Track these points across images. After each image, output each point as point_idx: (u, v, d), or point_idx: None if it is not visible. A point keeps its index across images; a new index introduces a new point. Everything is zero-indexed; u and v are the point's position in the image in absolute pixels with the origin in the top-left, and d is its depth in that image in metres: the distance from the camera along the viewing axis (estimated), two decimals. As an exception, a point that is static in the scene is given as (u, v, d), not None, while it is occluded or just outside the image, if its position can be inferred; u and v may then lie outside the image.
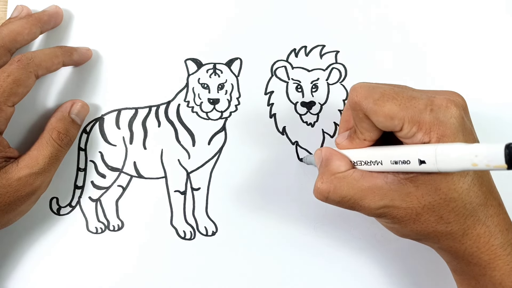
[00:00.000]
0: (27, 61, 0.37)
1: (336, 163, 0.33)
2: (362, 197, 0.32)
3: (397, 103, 0.30)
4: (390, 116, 0.30)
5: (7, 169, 0.36)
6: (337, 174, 0.33)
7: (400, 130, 0.30)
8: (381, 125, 0.30)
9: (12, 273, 0.42)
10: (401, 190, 0.31)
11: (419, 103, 0.30)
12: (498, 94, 0.43)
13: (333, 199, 0.33)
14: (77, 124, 0.41)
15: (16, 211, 0.37)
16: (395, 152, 0.30)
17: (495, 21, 0.43)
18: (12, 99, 0.36)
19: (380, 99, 0.30)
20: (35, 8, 0.42)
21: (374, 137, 0.32)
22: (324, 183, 0.33)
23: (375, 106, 0.30)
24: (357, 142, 0.33)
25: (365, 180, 0.32)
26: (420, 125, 0.29)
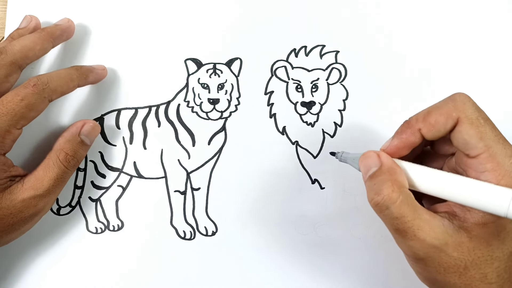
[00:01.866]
0: (43, 86, 0.37)
1: (402, 176, 0.30)
2: (420, 226, 0.29)
3: (495, 132, 0.29)
4: (481, 136, 0.29)
5: (12, 190, 0.36)
6: (405, 188, 0.30)
7: (475, 157, 0.29)
8: (464, 138, 0.29)
9: (12, 273, 0.42)
10: (455, 236, 0.29)
11: (509, 148, 0.29)
12: (498, 94, 0.43)
13: (392, 213, 0.29)
14: (86, 145, 0.40)
15: (18, 231, 0.37)
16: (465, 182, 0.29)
17: (495, 19, 0.43)
18: (22, 123, 0.36)
19: (484, 118, 0.29)
20: (32, 11, 0.43)
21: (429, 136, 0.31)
22: (395, 192, 0.29)
23: (476, 120, 0.29)
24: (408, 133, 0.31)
25: (425, 211, 0.30)
26: (497, 166, 0.28)
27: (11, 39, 0.40)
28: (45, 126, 0.42)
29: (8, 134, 0.36)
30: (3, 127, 0.35)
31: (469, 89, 0.42)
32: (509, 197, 0.27)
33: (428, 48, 0.43)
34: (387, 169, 0.31)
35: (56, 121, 0.43)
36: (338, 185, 0.42)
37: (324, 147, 0.42)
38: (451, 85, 0.43)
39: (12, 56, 0.37)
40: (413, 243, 0.30)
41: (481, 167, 0.29)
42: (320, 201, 0.42)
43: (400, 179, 0.30)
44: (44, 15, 0.43)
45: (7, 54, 0.37)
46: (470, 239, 0.29)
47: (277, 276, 0.42)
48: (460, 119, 0.30)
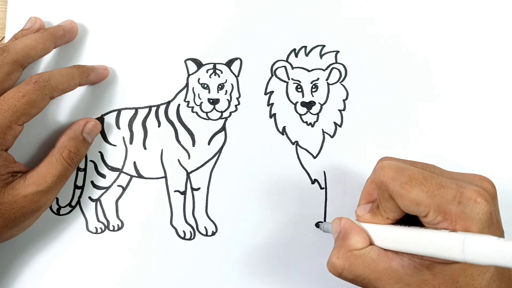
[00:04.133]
0: (44, 83, 0.37)
1: (355, 238, 0.32)
2: (376, 279, 0.31)
3: (424, 189, 0.29)
4: (416, 202, 0.29)
5: (14, 185, 0.36)
6: (354, 251, 0.32)
7: (425, 216, 0.29)
8: (406, 209, 0.30)
9: (12, 272, 0.42)
10: (417, 276, 0.30)
11: (448, 193, 0.29)
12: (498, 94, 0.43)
13: (346, 277, 0.32)
14: (88, 143, 0.41)
15: (19, 227, 0.37)
16: (419, 235, 0.29)
17: (496, 18, 0.43)
18: (23, 119, 0.36)
19: (407, 183, 0.29)
20: (32, 11, 0.43)
21: (397, 217, 0.31)
22: (339, 258, 0.32)
23: (401, 190, 0.29)
24: (379, 218, 0.32)
25: (381, 261, 0.31)
26: (446, 215, 0.28)
27: (15, 39, 0.40)
28: (47, 125, 0.42)
29: (10, 130, 0.36)
30: (5, 123, 0.35)
31: (469, 89, 0.42)
32: (460, 242, 0.26)
33: (428, 48, 0.43)
34: (342, 235, 0.33)
35: (57, 120, 0.43)
36: (338, 185, 0.42)
37: (324, 147, 0.42)
38: (451, 85, 0.43)
39: (14, 55, 0.37)
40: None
41: (434, 221, 0.29)
42: (320, 201, 0.42)
43: (349, 242, 0.32)
44: (44, 15, 0.43)
45: (9, 52, 0.37)
46: (434, 276, 0.29)
47: (276, 276, 0.42)
48: (392, 196, 0.30)
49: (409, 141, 0.42)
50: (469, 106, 0.42)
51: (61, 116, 0.43)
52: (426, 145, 0.42)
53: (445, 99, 0.43)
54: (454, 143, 0.42)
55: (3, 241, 0.38)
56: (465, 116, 0.42)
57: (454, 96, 0.43)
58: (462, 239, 0.26)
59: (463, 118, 0.42)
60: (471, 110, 0.42)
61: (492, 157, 0.42)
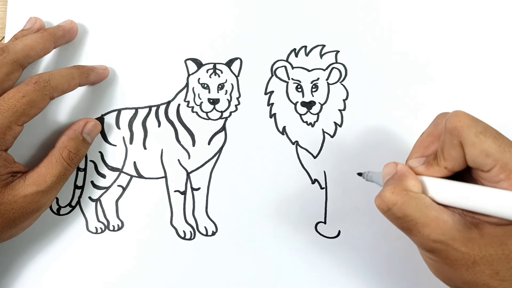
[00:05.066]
0: (44, 83, 0.37)
1: (412, 181, 0.32)
2: (425, 224, 0.30)
3: (497, 143, 0.29)
4: (486, 153, 0.29)
5: (14, 185, 0.36)
6: (409, 191, 0.31)
7: (488, 171, 0.29)
8: (472, 159, 0.30)
9: (12, 272, 0.42)
10: (465, 232, 0.29)
11: None
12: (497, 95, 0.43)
13: (395, 213, 0.31)
14: (87, 143, 0.41)
15: (19, 227, 0.37)
16: (479, 190, 0.29)
17: (496, 18, 0.43)
18: (23, 119, 0.36)
19: (482, 132, 0.29)
20: (32, 11, 0.43)
21: (456, 168, 0.31)
22: (394, 194, 0.31)
23: (475, 138, 0.29)
24: (436, 169, 0.32)
25: (433, 209, 0.30)
26: (509, 174, 0.28)
27: (15, 39, 0.40)
28: (46, 125, 0.42)
29: (9, 130, 0.36)
30: (5, 123, 0.35)
31: (469, 88, 0.42)
32: None
33: (429, 48, 0.43)
34: (398, 176, 0.32)
35: (57, 120, 0.43)
36: (338, 185, 0.42)
37: (324, 147, 0.42)
38: (451, 85, 0.43)
39: (14, 55, 0.37)
40: (418, 238, 0.31)
41: (495, 179, 0.29)
42: (320, 201, 0.42)
43: (406, 183, 0.31)
44: (44, 15, 0.43)
45: (9, 52, 0.37)
46: (481, 236, 0.29)
47: (277, 276, 0.42)
48: (462, 144, 0.30)
49: (409, 141, 0.42)
50: (470, 106, 0.42)
51: (61, 116, 0.43)
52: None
53: (445, 99, 0.43)
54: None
55: (3, 241, 0.38)
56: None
57: (455, 96, 0.43)
58: None
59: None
60: (472, 110, 0.42)
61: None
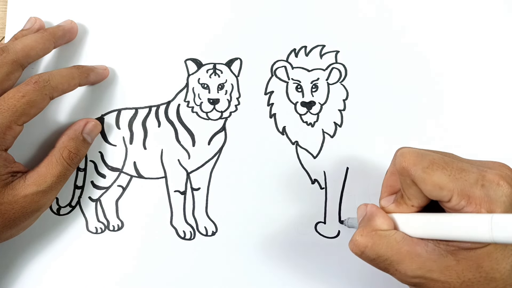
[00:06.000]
0: (44, 83, 0.37)
1: (380, 220, 0.32)
2: (399, 261, 0.30)
3: (446, 173, 0.29)
4: (439, 186, 0.29)
5: (14, 185, 0.36)
6: (378, 231, 0.31)
7: (448, 201, 0.29)
8: (429, 193, 0.30)
9: (11, 272, 0.42)
10: (440, 261, 0.29)
11: (470, 176, 0.29)
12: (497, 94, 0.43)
13: (368, 255, 0.31)
14: (88, 143, 0.41)
15: (19, 227, 0.37)
16: (445, 219, 0.29)
17: (496, 18, 0.43)
18: (23, 119, 0.36)
19: (429, 167, 0.29)
20: (32, 11, 0.43)
21: (422, 204, 0.31)
22: (363, 236, 0.31)
23: (423, 174, 0.29)
24: (404, 207, 0.32)
25: (405, 244, 0.30)
26: (470, 199, 0.28)
27: (15, 39, 0.40)
28: (46, 125, 0.42)
29: (9, 130, 0.36)
30: (4, 123, 0.35)
31: (469, 88, 0.42)
32: (488, 222, 0.26)
33: (428, 48, 0.43)
34: (367, 217, 0.33)
35: (57, 120, 0.43)
36: (338, 185, 0.42)
37: (324, 147, 0.42)
38: (451, 85, 0.43)
39: (14, 55, 0.37)
40: (397, 276, 0.31)
41: (458, 206, 0.29)
42: (320, 201, 0.42)
43: (375, 223, 0.32)
44: (44, 15, 0.43)
45: (9, 52, 0.37)
46: (457, 262, 0.29)
47: (277, 276, 0.42)
48: (414, 182, 0.30)
49: (409, 141, 0.42)
50: (471, 104, 0.42)
51: (61, 116, 0.43)
52: (427, 145, 0.42)
53: (445, 99, 0.43)
54: (456, 142, 0.42)
55: (3, 241, 0.38)
56: (467, 114, 0.42)
57: (455, 96, 0.43)
58: (490, 219, 0.26)
59: (463, 117, 0.42)
60: (473, 108, 0.42)
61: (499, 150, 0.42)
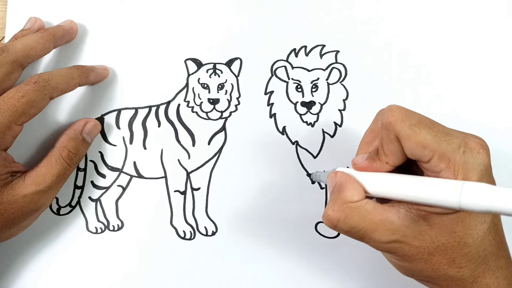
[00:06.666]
0: (44, 83, 0.37)
1: (350, 191, 0.32)
2: (372, 230, 0.30)
3: (432, 133, 0.29)
4: (423, 144, 0.29)
5: (13, 185, 0.36)
6: (349, 203, 0.31)
7: (427, 161, 0.29)
8: (410, 151, 0.29)
9: (11, 272, 0.42)
10: (414, 227, 0.30)
11: (454, 141, 0.29)
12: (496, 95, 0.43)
13: (342, 228, 0.31)
14: (87, 143, 0.41)
15: (18, 226, 0.37)
16: (416, 181, 0.29)
17: (495, 19, 0.43)
18: (23, 119, 0.36)
19: (416, 125, 0.29)
20: (32, 11, 0.43)
21: (397, 162, 0.31)
22: (335, 211, 0.31)
23: (409, 131, 0.29)
24: (378, 164, 0.32)
25: (377, 213, 0.31)
26: (449, 163, 0.28)
27: (15, 39, 0.40)
28: (46, 125, 0.42)
29: (9, 130, 0.36)
30: (4, 123, 0.35)
31: (469, 88, 0.42)
32: (459, 188, 0.27)
33: (428, 48, 0.43)
34: (337, 188, 0.33)
35: (57, 120, 0.43)
36: (338, 185, 0.42)
37: (324, 147, 0.42)
38: (451, 85, 0.43)
39: (14, 55, 0.37)
40: (373, 244, 0.31)
41: (436, 168, 0.29)
42: (320, 201, 0.42)
43: (345, 195, 0.32)
44: (44, 15, 0.43)
45: (9, 52, 0.37)
46: (430, 227, 0.30)
47: (277, 276, 0.42)
48: (398, 138, 0.30)
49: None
50: (471, 104, 0.42)
51: (61, 116, 0.43)
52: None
53: (445, 99, 0.43)
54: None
55: (3, 241, 0.38)
56: (466, 114, 0.42)
57: (455, 96, 0.43)
58: (461, 186, 0.27)
59: (463, 117, 0.42)
60: (473, 108, 0.43)
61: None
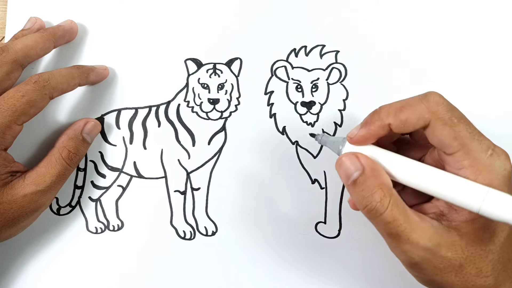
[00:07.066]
0: (44, 83, 0.37)
1: (387, 177, 0.30)
2: (412, 229, 0.29)
3: (469, 130, 0.29)
4: (455, 135, 0.29)
5: (13, 185, 0.36)
6: (393, 191, 0.29)
7: (451, 154, 0.29)
8: (439, 138, 0.29)
9: (11, 272, 0.42)
10: (446, 236, 0.29)
11: (485, 142, 0.29)
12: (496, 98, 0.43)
13: (385, 217, 0.29)
14: (87, 143, 0.41)
15: (18, 226, 0.37)
16: (442, 176, 0.29)
17: (495, 19, 0.43)
18: (23, 119, 0.36)
19: (457, 117, 0.29)
20: (32, 11, 0.43)
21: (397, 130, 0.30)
22: (385, 196, 0.29)
23: (448, 119, 0.29)
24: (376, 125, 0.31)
25: (415, 214, 0.29)
26: (473, 162, 0.28)
27: (15, 39, 0.40)
28: (46, 125, 0.42)
29: (9, 129, 0.36)
30: (4, 123, 0.35)
31: (468, 88, 0.42)
32: (483, 194, 0.27)
33: (428, 48, 0.43)
34: (371, 173, 0.30)
35: (57, 120, 0.43)
36: (338, 185, 0.42)
37: (324, 147, 0.42)
38: (451, 85, 0.43)
39: (14, 54, 0.37)
40: (407, 247, 0.29)
41: (458, 164, 0.29)
42: (320, 201, 0.42)
43: (386, 181, 0.30)
44: (44, 14, 0.43)
45: (8, 52, 0.37)
46: (461, 237, 0.29)
47: (277, 276, 0.42)
48: (432, 120, 0.29)
49: (409, 141, 0.42)
50: (470, 105, 0.42)
51: (61, 116, 0.43)
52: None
53: (445, 99, 0.43)
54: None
55: (2, 241, 0.38)
56: (466, 115, 0.42)
57: (455, 96, 0.42)
58: (486, 191, 0.27)
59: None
60: (472, 111, 0.42)
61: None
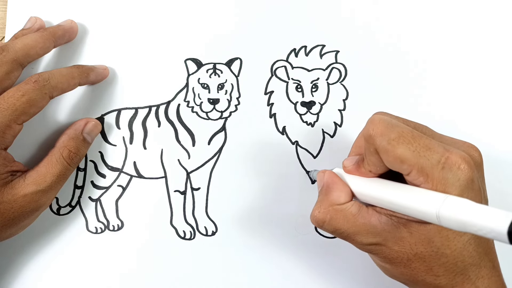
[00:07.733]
0: (44, 82, 0.37)
1: (336, 193, 0.33)
2: (355, 232, 0.32)
3: (411, 148, 0.29)
4: (400, 159, 0.29)
5: (14, 184, 0.36)
6: (335, 205, 0.33)
7: (407, 175, 0.29)
8: (390, 165, 0.30)
9: (11, 272, 0.42)
10: (394, 232, 0.31)
11: (433, 156, 0.29)
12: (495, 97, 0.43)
13: (327, 229, 0.33)
14: (88, 143, 0.41)
15: (18, 226, 0.37)
16: (398, 191, 0.30)
17: (495, 19, 0.43)
18: (23, 118, 0.36)
19: (395, 139, 0.29)
20: (32, 11, 0.43)
21: (379, 172, 0.32)
22: (321, 213, 0.33)
23: (388, 146, 0.29)
24: (363, 171, 0.33)
25: (360, 216, 0.32)
26: (428, 178, 0.29)
27: (15, 39, 0.40)
28: (46, 125, 0.42)
29: (9, 129, 0.36)
30: (4, 122, 0.35)
31: (468, 89, 0.42)
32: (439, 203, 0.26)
33: (428, 48, 0.43)
34: (324, 189, 0.34)
35: (57, 120, 0.43)
36: (338, 185, 0.42)
37: (324, 147, 0.42)
38: (451, 85, 0.43)
39: (13, 54, 0.37)
40: (356, 245, 0.33)
41: (416, 182, 0.29)
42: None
43: (331, 198, 0.33)
44: (44, 15, 0.43)
45: (8, 51, 0.37)
46: (410, 234, 0.30)
47: (277, 276, 0.42)
48: (377, 151, 0.30)
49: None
50: (470, 105, 0.42)
51: (61, 116, 0.43)
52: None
53: (444, 100, 0.43)
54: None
55: (2, 240, 0.38)
56: (466, 115, 0.42)
57: (454, 96, 0.43)
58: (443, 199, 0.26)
59: (463, 117, 0.42)
60: (472, 111, 0.43)
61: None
